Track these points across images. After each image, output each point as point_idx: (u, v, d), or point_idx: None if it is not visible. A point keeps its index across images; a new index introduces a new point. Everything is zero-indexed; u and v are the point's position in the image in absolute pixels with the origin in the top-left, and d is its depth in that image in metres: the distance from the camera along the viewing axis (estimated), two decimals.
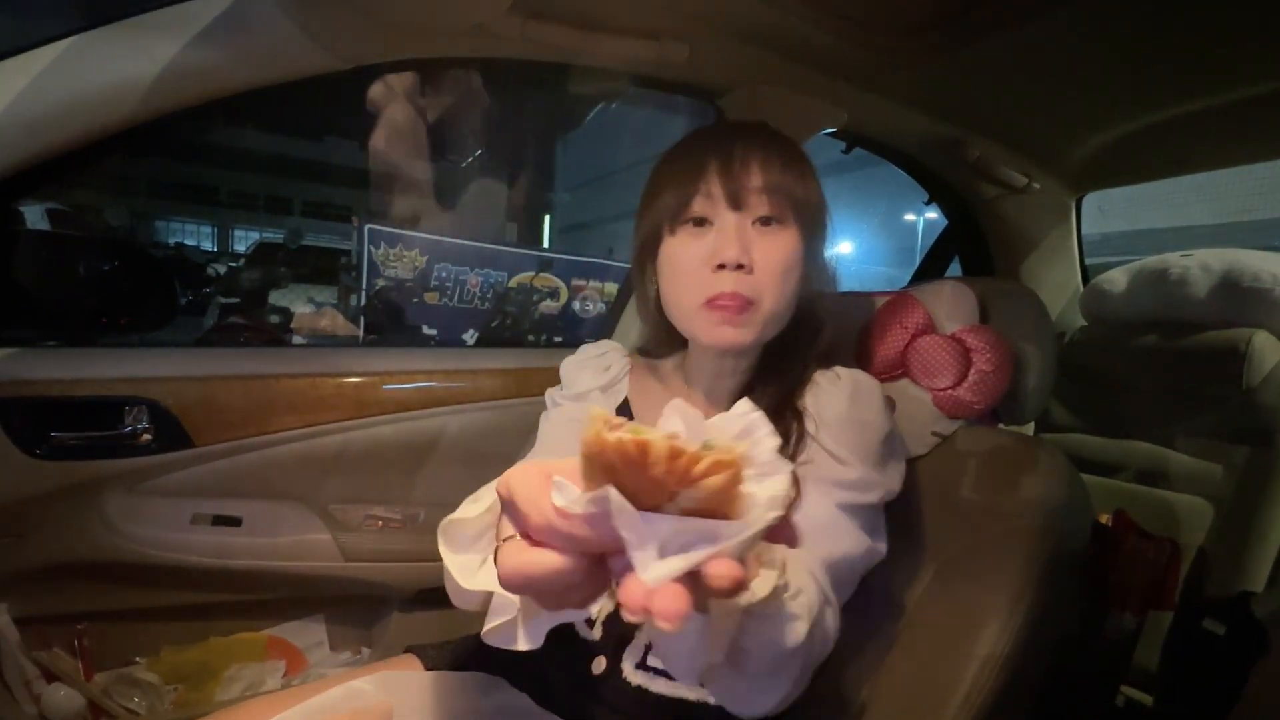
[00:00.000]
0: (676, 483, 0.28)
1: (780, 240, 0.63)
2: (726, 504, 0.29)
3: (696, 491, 0.28)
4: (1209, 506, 1.18)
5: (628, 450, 0.28)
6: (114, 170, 8.03)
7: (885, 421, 0.65)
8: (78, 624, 0.99)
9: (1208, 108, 1.05)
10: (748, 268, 0.62)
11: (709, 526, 0.28)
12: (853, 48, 0.94)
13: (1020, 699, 0.64)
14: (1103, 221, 1.98)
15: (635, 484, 0.28)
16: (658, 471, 0.28)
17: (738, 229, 0.62)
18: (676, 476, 0.28)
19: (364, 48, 0.87)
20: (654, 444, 0.28)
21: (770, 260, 0.62)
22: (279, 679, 1.07)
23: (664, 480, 0.28)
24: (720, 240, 0.62)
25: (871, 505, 0.61)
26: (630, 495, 0.28)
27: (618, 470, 0.28)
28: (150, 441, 0.96)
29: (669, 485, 0.28)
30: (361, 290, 3.30)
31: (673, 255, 0.65)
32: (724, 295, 0.62)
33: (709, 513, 0.29)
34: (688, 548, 0.28)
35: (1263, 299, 1.17)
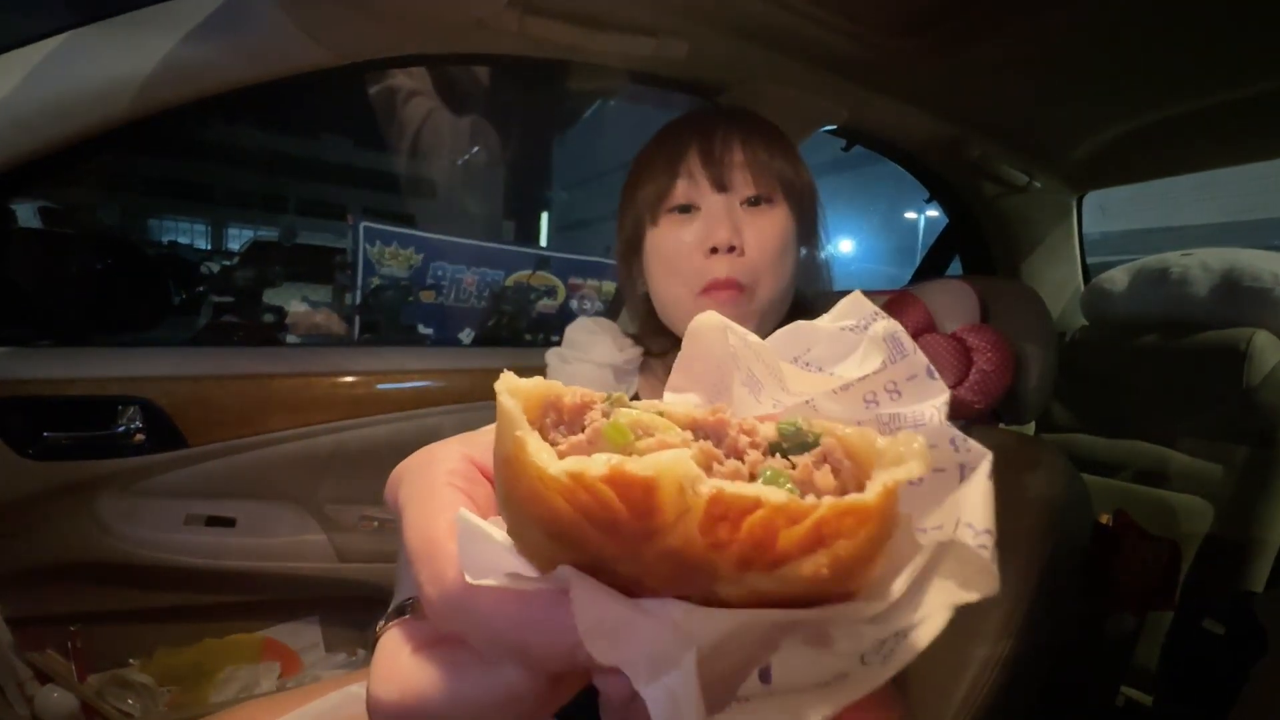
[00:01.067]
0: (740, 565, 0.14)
1: (771, 219, 0.60)
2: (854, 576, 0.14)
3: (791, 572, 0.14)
4: (1209, 506, 1.18)
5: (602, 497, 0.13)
6: (107, 168, 7.99)
7: None
8: (71, 625, 0.98)
9: (1208, 106, 1.05)
10: (739, 250, 0.59)
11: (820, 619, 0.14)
12: (853, 45, 0.93)
13: (1020, 699, 0.63)
14: (1103, 221, 1.98)
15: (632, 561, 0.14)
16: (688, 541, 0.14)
17: (726, 210, 0.59)
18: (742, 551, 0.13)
19: (359, 43, 0.86)
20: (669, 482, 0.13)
21: (763, 240, 0.59)
22: (274, 681, 1.06)
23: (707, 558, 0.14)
24: (709, 224, 0.59)
25: None
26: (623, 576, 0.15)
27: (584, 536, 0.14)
28: (144, 441, 0.95)
29: (721, 568, 0.14)
30: (357, 289, 3.29)
31: (660, 246, 0.62)
32: (718, 282, 0.58)
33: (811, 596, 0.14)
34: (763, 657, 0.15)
35: (1263, 298, 1.17)
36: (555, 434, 0.16)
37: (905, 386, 0.18)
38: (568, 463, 0.13)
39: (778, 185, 0.61)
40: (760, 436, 0.15)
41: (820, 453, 0.15)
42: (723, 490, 0.13)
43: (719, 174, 0.60)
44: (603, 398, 0.16)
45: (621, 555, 0.14)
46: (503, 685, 0.17)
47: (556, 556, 0.15)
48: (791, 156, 0.63)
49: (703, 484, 0.13)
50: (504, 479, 0.15)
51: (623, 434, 0.15)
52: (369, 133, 3.27)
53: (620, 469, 0.13)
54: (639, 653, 0.14)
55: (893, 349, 0.18)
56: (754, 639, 0.14)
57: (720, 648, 0.14)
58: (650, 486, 0.13)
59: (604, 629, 0.14)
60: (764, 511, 0.13)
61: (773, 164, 0.61)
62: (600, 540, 0.14)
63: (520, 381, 0.16)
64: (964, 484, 0.16)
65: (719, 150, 0.60)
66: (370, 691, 0.18)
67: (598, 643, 0.14)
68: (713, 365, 0.21)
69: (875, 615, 0.14)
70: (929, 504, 0.17)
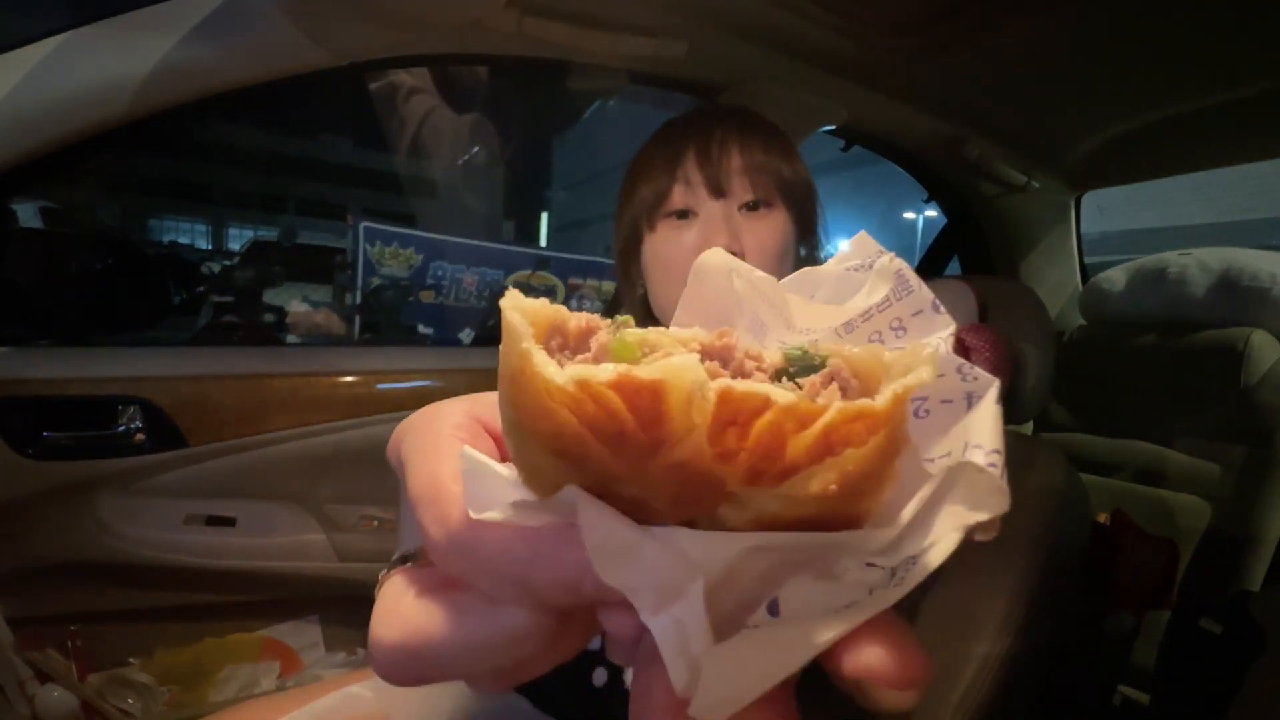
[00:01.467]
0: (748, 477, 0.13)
1: (770, 224, 0.60)
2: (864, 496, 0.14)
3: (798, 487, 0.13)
4: (1207, 506, 1.18)
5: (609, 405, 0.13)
6: (108, 168, 7.99)
7: None
8: (71, 625, 0.98)
9: (1207, 106, 1.05)
10: (738, 255, 0.59)
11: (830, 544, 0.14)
12: (852, 44, 0.93)
13: (1018, 698, 0.64)
14: (1102, 220, 1.98)
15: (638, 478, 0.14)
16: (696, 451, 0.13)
17: (724, 216, 0.59)
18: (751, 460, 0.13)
19: (359, 44, 0.86)
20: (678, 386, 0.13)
21: (761, 245, 0.59)
22: (274, 680, 1.06)
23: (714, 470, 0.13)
24: (707, 229, 0.59)
25: None
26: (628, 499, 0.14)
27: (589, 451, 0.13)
28: (144, 441, 0.95)
29: (729, 480, 0.13)
30: (357, 289, 3.28)
31: (658, 252, 0.62)
32: None
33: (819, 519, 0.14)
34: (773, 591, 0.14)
35: (1261, 298, 1.17)
36: (561, 356, 0.15)
37: (911, 322, 0.18)
38: (574, 370, 0.13)
39: (775, 189, 0.61)
40: (767, 362, 0.15)
41: (828, 373, 0.15)
42: (732, 388, 0.12)
43: (716, 180, 0.59)
44: (608, 322, 0.16)
45: (627, 473, 0.14)
46: (507, 626, 0.16)
47: (561, 479, 0.14)
48: (790, 157, 0.63)
49: (710, 387, 0.12)
50: (509, 397, 0.14)
51: (630, 350, 0.14)
52: (369, 133, 3.28)
53: (628, 374, 0.12)
54: (645, 580, 0.14)
55: (898, 284, 0.18)
56: (761, 570, 0.14)
57: (728, 578, 0.14)
58: (659, 391, 0.12)
59: (610, 549, 0.14)
60: (772, 414, 0.12)
61: (770, 167, 0.60)
62: (606, 457, 0.13)
63: (527, 300, 0.15)
64: (971, 410, 0.16)
65: (716, 155, 0.60)
66: (371, 632, 0.18)
67: (604, 565, 0.14)
68: (717, 304, 0.20)
69: (884, 545, 0.14)
70: (937, 434, 0.16)
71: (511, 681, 0.18)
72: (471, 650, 0.16)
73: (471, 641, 0.16)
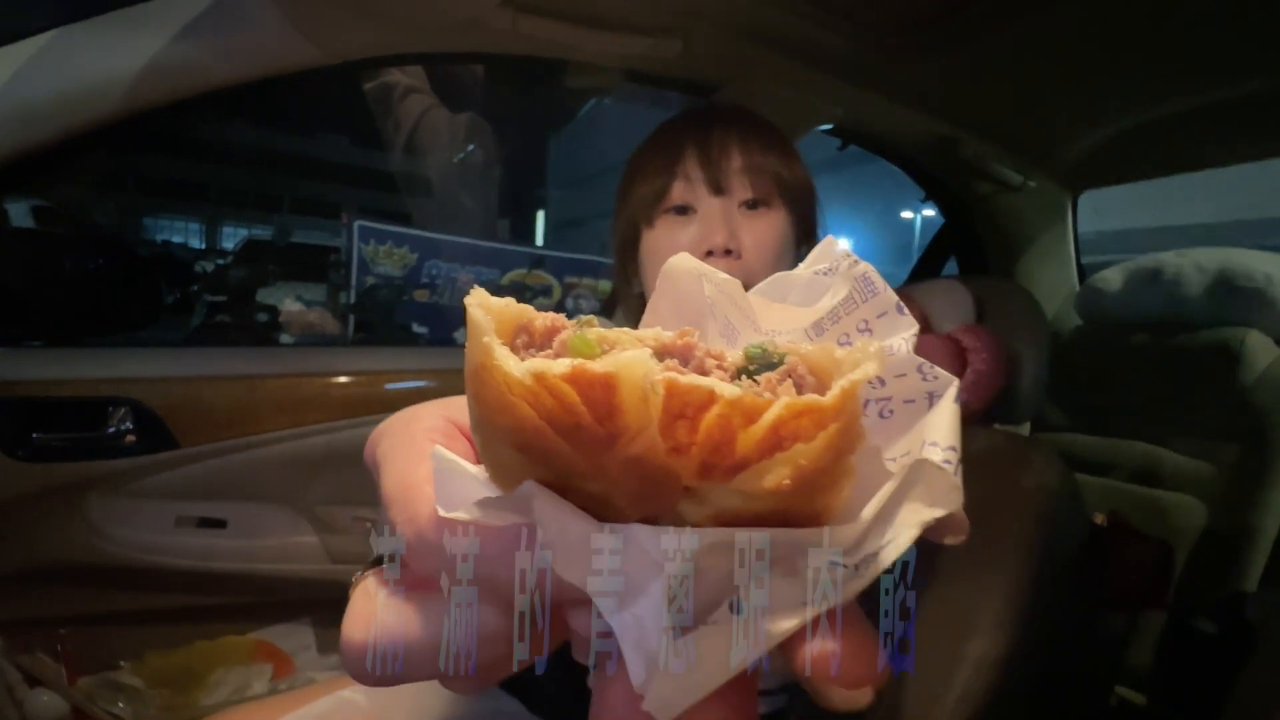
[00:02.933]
0: (700, 471, 0.13)
1: (768, 222, 0.60)
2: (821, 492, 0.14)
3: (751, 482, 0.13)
4: (1202, 506, 1.19)
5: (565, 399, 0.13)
6: (101, 167, 7.96)
7: None
8: (61, 628, 0.97)
9: (1203, 106, 1.05)
10: (736, 253, 0.58)
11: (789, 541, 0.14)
12: (848, 44, 0.93)
13: (1014, 700, 0.63)
14: (1098, 220, 1.98)
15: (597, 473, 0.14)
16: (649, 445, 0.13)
17: (723, 213, 0.59)
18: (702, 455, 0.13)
19: (352, 42, 0.86)
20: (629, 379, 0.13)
21: (759, 244, 0.59)
22: (266, 683, 1.05)
23: (668, 464, 0.13)
24: (705, 226, 0.59)
25: None
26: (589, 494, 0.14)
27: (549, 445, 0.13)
28: (134, 443, 0.94)
29: (683, 474, 0.13)
30: (351, 288, 3.27)
31: (655, 248, 0.62)
32: None
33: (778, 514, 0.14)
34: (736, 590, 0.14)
35: (1256, 298, 1.17)
36: (526, 354, 0.15)
37: (876, 324, 0.18)
38: (531, 363, 0.13)
39: (775, 188, 0.61)
40: (728, 361, 0.15)
41: (784, 370, 0.15)
42: (676, 381, 0.13)
43: (716, 177, 0.59)
44: (573, 322, 0.16)
45: (587, 468, 0.14)
46: (476, 625, 0.16)
47: (524, 476, 0.15)
48: (789, 156, 0.63)
49: (659, 380, 0.13)
50: (473, 392, 0.15)
51: (588, 345, 0.14)
52: (364, 131, 3.27)
53: (581, 367, 0.13)
54: (604, 577, 0.14)
55: (864, 287, 0.18)
56: (726, 570, 0.14)
57: (689, 578, 0.14)
58: (611, 384, 0.13)
59: (566, 544, 0.14)
60: (719, 408, 0.13)
61: (770, 166, 0.60)
62: (566, 451, 0.13)
63: (492, 299, 0.15)
64: (932, 409, 0.17)
65: (716, 152, 0.60)
66: (342, 634, 0.18)
67: (560, 561, 0.14)
68: (688, 308, 0.21)
69: (848, 543, 0.14)
70: (899, 434, 0.17)
71: (483, 683, 0.18)
72: (440, 650, 0.16)
73: (440, 642, 0.16)
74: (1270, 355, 1.16)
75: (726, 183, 0.60)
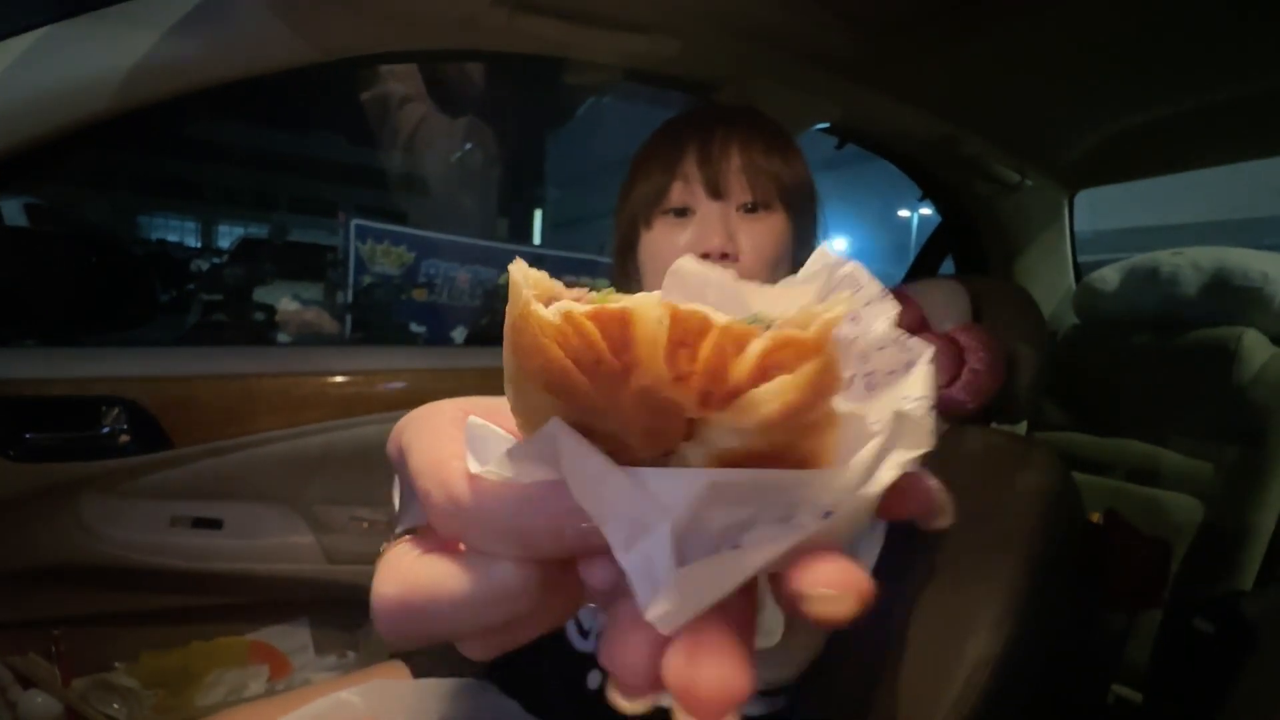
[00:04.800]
0: (700, 399, 0.15)
1: (767, 226, 0.59)
2: (807, 435, 0.15)
3: (744, 414, 0.15)
4: (1199, 505, 1.19)
5: (588, 334, 0.15)
6: (95, 165, 7.92)
7: None
8: (54, 629, 0.96)
9: (1201, 106, 1.05)
10: (733, 257, 0.58)
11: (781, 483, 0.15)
12: (847, 42, 0.93)
13: (1013, 699, 0.63)
14: (1095, 219, 1.99)
15: (614, 409, 0.15)
16: (657, 375, 0.15)
17: (721, 217, 0.59)
18: (701, 383, 0.14)
19: (347, 39, 0.85)
20: (642, 314, 0.15)
21: (758, 247, 0.59)
22: (262, 684, 1.05)
23: (673, 395, 0.15)
24: (703, 230, 0.58)
25: None
26: (607, 435, 0.16)
27: (573, 382, 0.15)
28: (128, 442, 0.94)
29: (686, 405, 0.15)
30: (348, 287, 3.25)
31: (653, 248, 0.62)
32: None
33: (770, 457, 0.15)
34: (736, 536, 0.15)
35: (1253, 297, 1.17)
36: None
37: (863, 312, 0.20)
38: (559, 305, 0.15)
39: (775, 191, 0.60)
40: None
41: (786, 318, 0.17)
42: (678, 308, 0.14)
43: (715, 180, 0.59)
44: (595, 295, 0.18)
45: (605, 405, 0.15)
46: (497, 580, 0.17)
47: (551, 415, 0.16)
48: (791, 158, 0.62)
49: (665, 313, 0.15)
50: (511, 343, 0.16)
51: (608, 297, 0.16)
52: (360, 129, 3.27)
53: (601, 306, 0.15)
54: (619, 514, 0.15)
55: (851, 284, 0.20)
56: (722, 507, 0.15)
57: (694, 520, 0.15)
58: (626, 319, 0.14)
59: (586, 475, 0.15)
60: (715, 335, 0.14)
61: (771, 169, 0.60)
62: (587, 389, 0.15)
63: (530, 270, 0.17)
64: (908, 374, 0.18)
65: (716, 154, 0.59)
66: (374, 591, 0.19)
67: (581, 490, 0.15)
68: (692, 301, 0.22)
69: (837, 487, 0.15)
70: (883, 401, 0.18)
71: (500, 646, 0.19)
72: (465, 604, 0.17)
73: (465, 595, 0.17)
74: (1266, 353, 1.16)
75: (725, 185, 0.59)
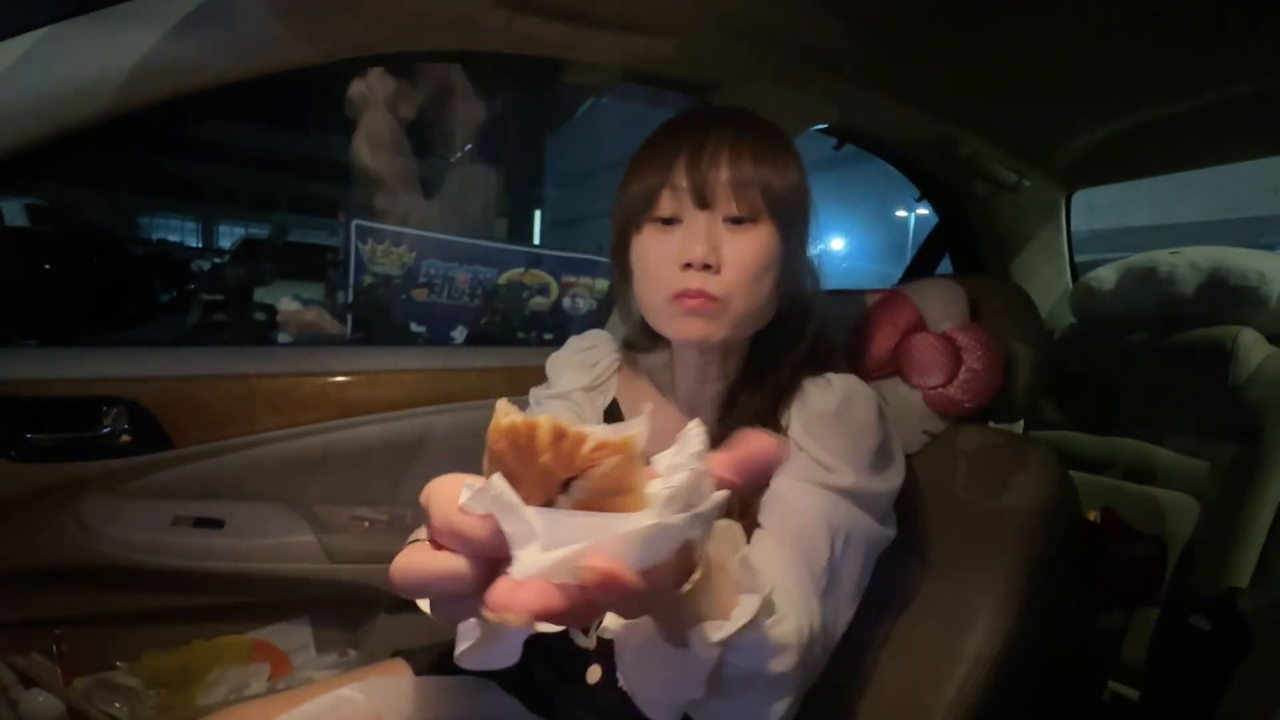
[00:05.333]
0: (564, 468, 0.27)
1: (752, 239, 0.59)
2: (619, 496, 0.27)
3: (586, 480, 0.27)
4: (1195, 503, 1.19)
5: (516, 433, 0.27)
6: (96, 165, 7.90)
7: (880, 428, 0.61)
8: (56, 628, 0.97)
9: (1197, 106, 1.06)
10: (715, 268, 0.58)
11: (596, 521, 0.26)
12: (844, 43, 0.93)
13: (1010, 697, 0.64)
14: (1092, 219, 1.99)
15: (526, 473, 0.27)
16: (545, 458, 0.27)
17: (707, 228, 0.59)
18: (563, 461, 0.27)
19: (346, 40, 0.85)
20: (539, 425, 0.27)
21: (741, 260, 0.59)
22: (263, 682, 1.05)
23: (553, 466, 0.27)
24: (688, 239, 0.59)
25: (868, 512, 0.57)
26: (522, 487, 0.27)
27: (507, 459, 0.28)
28: (129, 442, 0.94)
29: (558, 472, 0.27)
30: (349, 287, 3.26)
31: (642, 254, 0.62)
32: (690, 291, 0.58)
33: (602, 506, 0.27)
34: (571, 543, 0.26)
35: (1249, 296, 1.18)
36: None
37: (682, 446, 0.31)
38: (508, 418, 0.28)
39: (763, 203, 0.60)
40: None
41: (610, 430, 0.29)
42: (555, 423, 0.27)
43: (703, 191, 0.59)
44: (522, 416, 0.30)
45: (521, 471, 0.28)
46: (452, 566, 0.29)
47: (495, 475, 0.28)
48: (783, 165, 0.61)
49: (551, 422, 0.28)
50: (488, 436, 0.29)
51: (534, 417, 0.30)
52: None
53: (525, 420, 0.28)
54: (516, 530, 0.27)
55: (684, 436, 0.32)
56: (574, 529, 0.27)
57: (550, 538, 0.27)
58: (533, 427, 0.28)
59: (501, 505, 0.27)
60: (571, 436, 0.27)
61: (761, 179, 0.59)
62: (515, 459, 0.28)
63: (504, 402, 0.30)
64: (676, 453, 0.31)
65: (705, 164, 0.59)
66: (394, 565, 0.32)
67: (500, 514, 0.27)
68: None
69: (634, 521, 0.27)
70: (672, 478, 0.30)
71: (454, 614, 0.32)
72: (437, 577, 0.30)
73: (429, 571, 0.30)
74: (1263, 353, 1.16)
75: (712, 196, 0.59)
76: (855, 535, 0.56)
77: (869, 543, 0.58)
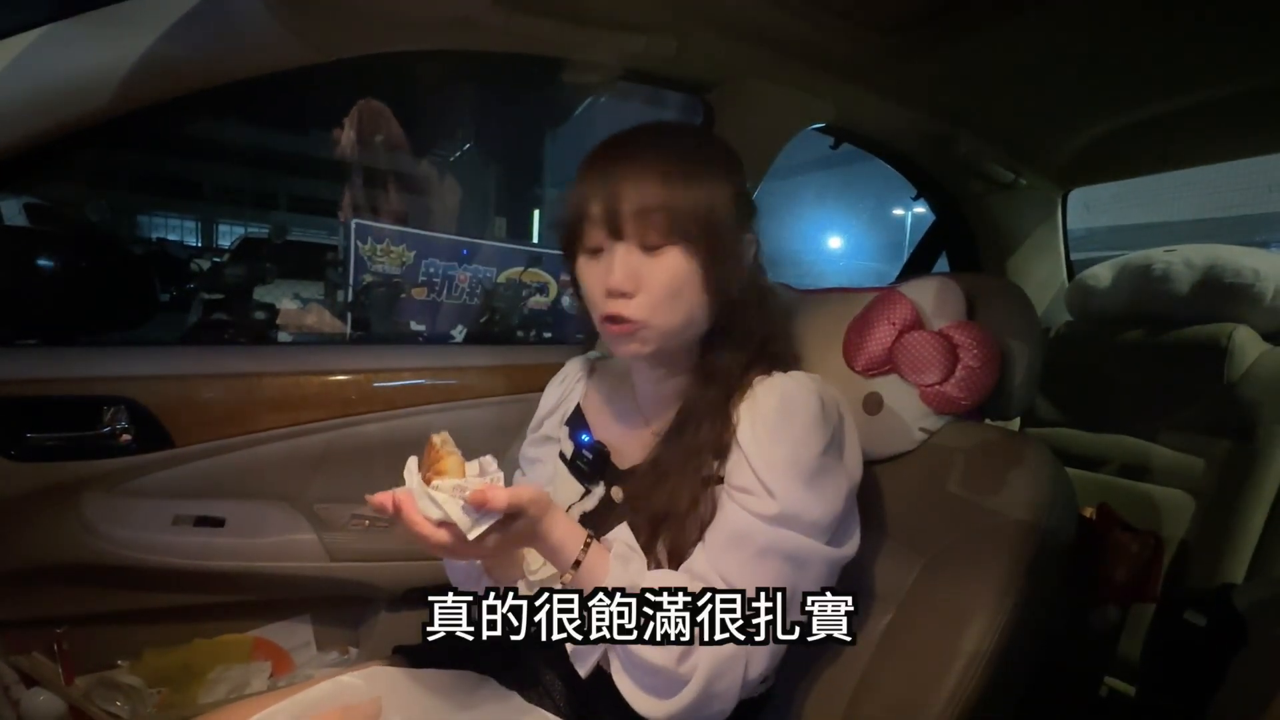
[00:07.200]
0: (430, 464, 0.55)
1: (665, 265, 0.61)
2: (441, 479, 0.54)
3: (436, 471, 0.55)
4: (1190, 500, 1.20)
5: (431, 447, 0.56)
6: (95, 164, 7.87)
7: (822, 431, 0.61)
8: (57, 627, 0.97)
9: (1193, 104, 1.06)
10: (630, 295, 0.61)
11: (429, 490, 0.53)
12: (842, 42, 0.94)
13: (1007, 693, 0.64)
14: (1088, 217, 2.00)
15: (430, 473, 0.55)
16: (431, 464, 0.55)
17: (623, 258, 0.61)
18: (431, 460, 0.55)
19: (344, 40, 0.86)
20: (433, 442, 0.56)
21: (653, 286, 0.61)
22: (265, 680, 1.06)
23: (437, 468, 0.55)
24: (605, 270, 0.62)
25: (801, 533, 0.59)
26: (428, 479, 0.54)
27: (425, 464, 0.56)
28: (130, 442, 0.94)
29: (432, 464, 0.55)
30: (349, 286, 3.26)
31: (580, 279, 0.66)
32: (613, 316, 0.62)
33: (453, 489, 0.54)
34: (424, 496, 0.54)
35: (1244, 294, 1.18)
36: None
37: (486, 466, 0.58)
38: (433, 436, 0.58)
39: (668, 230, 0.61)
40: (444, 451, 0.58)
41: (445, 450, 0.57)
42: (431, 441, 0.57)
43: (614, 223, 0.61)
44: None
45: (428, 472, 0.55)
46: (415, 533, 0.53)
47: None
48: (693, 184, 0.61)
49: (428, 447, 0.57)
50: None
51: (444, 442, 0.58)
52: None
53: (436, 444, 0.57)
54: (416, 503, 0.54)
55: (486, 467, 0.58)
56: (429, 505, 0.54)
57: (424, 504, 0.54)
58: (432, 444, 0.57)
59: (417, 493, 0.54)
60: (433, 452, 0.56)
61: (668, 204, 0.60)
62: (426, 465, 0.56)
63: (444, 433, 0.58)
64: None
65: (615, 197, 0.61)
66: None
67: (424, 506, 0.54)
68: None
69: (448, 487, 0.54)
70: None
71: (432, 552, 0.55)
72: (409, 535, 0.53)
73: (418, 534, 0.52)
74: (1258, 350, 1.17)
75: (623, 228, 0.61)
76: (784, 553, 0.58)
77: (800, 562, 0.59)
